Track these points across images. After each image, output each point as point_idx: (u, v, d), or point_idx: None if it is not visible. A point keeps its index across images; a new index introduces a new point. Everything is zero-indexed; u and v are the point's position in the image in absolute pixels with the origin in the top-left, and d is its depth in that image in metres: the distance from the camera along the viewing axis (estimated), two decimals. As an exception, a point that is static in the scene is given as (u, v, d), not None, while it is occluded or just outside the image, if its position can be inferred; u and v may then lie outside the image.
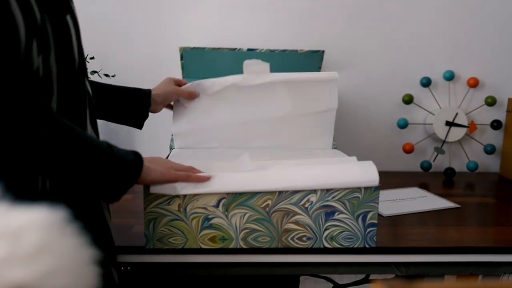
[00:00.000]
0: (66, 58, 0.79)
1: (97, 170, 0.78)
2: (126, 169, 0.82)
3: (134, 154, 0.85)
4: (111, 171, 0.79)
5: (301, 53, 1.51)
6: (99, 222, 0.89)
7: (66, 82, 0.79)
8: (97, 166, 0.77)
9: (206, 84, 1.23)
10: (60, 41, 0.77)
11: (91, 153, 0.77)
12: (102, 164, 0.78)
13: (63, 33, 0.78)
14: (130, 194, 1.34)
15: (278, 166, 1.00)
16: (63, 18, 0.79)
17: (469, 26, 1.62)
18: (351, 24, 1.60)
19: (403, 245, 1.07)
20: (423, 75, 1.63)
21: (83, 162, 0.76)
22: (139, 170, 0.85)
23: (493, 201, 1.39)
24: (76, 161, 0.75)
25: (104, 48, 1.55)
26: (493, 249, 1.08)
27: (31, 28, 0.71)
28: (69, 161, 0.74)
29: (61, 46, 0.78)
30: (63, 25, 0.79)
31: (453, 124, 1.62)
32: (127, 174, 0.82)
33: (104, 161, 0.78)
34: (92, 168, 0.77)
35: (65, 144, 0.73)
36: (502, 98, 1.66)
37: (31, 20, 0.71)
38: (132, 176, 0.84)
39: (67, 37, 0.79)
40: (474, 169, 1.65)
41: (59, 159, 0.73)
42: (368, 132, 1.66)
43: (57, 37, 0.77)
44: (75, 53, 0.81)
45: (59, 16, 0.78)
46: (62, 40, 0.78)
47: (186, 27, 1.57)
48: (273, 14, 1.58)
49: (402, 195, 1.39)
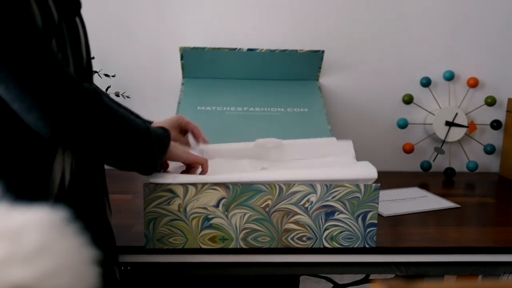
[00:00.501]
0: (76, 56, 0.81)
1: (136, 149, 0.83)
2: (159, 145, 0.88)
3: (163, 129, 0.91)
4: (148, 149, 0.85)
5: (301, 53, 1.51)
6: (101, 221, 0.90)
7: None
8: (136, 145, 0.82)
9: (213, 149, 1.11)
10: (73, 40, 0.80)
11: (131, 133, 0.81)
12: (141, 143, 0.83)
13: (74, 33, 0.81)
14: (130, 194, 1.34)
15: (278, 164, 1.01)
16: (73, 19, 0.82)
17: (469, 26, 1.62)
18: (351, 24, 1.60)
19: (403, 245, 1.07)
20: (423, 75, 1.63)
21: (123, 142, 0.81)
22: (167, 144, 0.91)
23: (493, 201, 1.39)
24: (117, 139, 0.80)
25: (104, 48, 1.55)
26: (493, 249, 1.08)
27: (50, 27, 0.73)
28: (110, 136, 0.79)
29: (73, 45, 0.80)
30: (74, 25, 0.81)
31: (453, 124, 1.62)
32: (160, 149, 0.89)
33: (143, 141, 0.83)
34: (131, 148, 0.82)
35: (107, 119, 0.77)
36: (502, 98, 1.66)
37: (50, 20, 0.73)
38: (164, 149, 0.90)
39: (76, 37, 0.82)
40: (474, 169, 1.65)
41: (102, 131, 0.77)
42: (368, 132, 1.66)
43: (71, 36, 0.79)
44: (83, 52, 0.84)
45: (71, 16, 0.81)
46: (74, 39, 0.81)
47: (186, 27, 1.57)
48: (273, 14, 1.58)
49: (402, 195, 1.39)
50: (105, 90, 1.50)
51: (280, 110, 1.41)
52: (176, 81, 1.55)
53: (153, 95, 1.59)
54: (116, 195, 1.24)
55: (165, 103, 1.56)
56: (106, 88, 1.50)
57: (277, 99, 1.46)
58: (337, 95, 1.63)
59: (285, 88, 1.52)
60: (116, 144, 0.80)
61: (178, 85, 1.52)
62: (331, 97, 1.62)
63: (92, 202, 0.87)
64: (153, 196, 0.95)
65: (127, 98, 1.55)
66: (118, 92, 1.53)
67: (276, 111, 1.40)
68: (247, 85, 1.53)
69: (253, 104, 1.38)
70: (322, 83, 1.60)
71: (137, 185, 0.96)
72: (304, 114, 1.40)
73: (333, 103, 1.62)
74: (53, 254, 0.39)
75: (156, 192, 0.95)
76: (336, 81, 1.62)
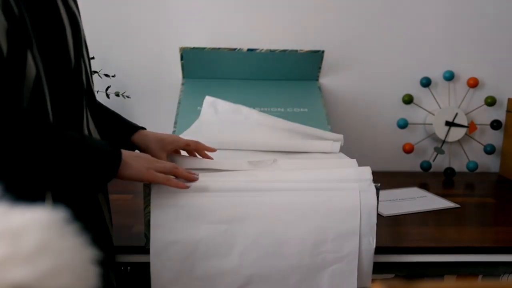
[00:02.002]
0: (56, 56, 0.77)
1: (71, 161, 0.76)
2: (101, 160, 0.80)
3: (111, 146, 0.83)
4: (86, 162, 0.77)
5: (301, 53, 1.51)
6: (98, 224, 0.89)
7: (59, 82, 0.78)
8: (70, 156, 0.76)
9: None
10: (47, 37, 0.75)
11: (63, 145, 0.75)
12: (75, 155, 0.76)
13: (51, 29, 0.76)
14: (130, 194, 1.34)
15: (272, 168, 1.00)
16: (53, 13, 0.77)
17: (469, 26, 1.62)
18: (351, 24, 1.60)
19: (403, 245, 1.07)
20: (423, 75, 1.63)
21: (55, 155, 0.74)
22: (117, 162, 0.82)
23: (492, 201, 1.39)
24: (47, 154, 0.73)
25: (104, 48, 1.55)
26: (492, 249, 1.08)
27: (12, 21, 0.69)
28: (39, 155, 0.73)
29: (49, 43, 0.76)
30: (52, 20, 0.76)
31: (453, 124, 1.62)
32: (103, 165, 0.81)
33: (77, 152, 0.76)
34: (66, 159, 0.75)
35: (32, 140, 0.72)
36: (502, 98, 1.66)
37: (10, 13, 0.69)
38: (110, 167, 0.82)
39: (58, 34, 0.77)
40: (474, 169, 1.65)
41: (29, 156, 0.72)
42: (368, 132, 1.66)
43: (41, 32, 0.75)
44: (71, 52, 0.80)
45: (44, 10, 0.76)
46: (50, 36, 0.76)
47: (186, 27, 1.57)
48: (273, 14, 1.58)
49: (402, 195, 1.39)
50: (105, 90, 1.50)
51: (280, 110, 1.41)
52: (176, 81, 1.55)
53: (153, 95, 1.59)
54: (116, 195, 1.25)
55: (165, 103, 1.57)
56: (106, 88, 1.50)
57: (277, 99, 1.46)
58: (337, 95, 1.63)
59: (285, 88, 1.52)
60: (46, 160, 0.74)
61: (178, 85, 1.52)
62: (331, 97, 1.62)
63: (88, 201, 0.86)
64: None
65: (127, 98, 1.55)
66: (118, 92, 1.52)
67: (276, 111, 1.40)
68: (247, 85, 1.53)
69: (253, 104, 1.38)
70: (322, 83, 1.60)
71: (137, 185, 0.96)
72: (304, 114, 1.40)
73: (333, 103, 1.62)
74: (53, 254, 0.39)
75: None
76: (336, 81, 1.62)
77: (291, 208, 0.94)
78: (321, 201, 0.95)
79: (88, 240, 0.42)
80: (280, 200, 0.94)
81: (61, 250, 0.40)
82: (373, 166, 1.01)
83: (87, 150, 0.78)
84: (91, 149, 0.79)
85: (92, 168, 0.79)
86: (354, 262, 0.95)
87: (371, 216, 0.95)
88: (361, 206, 0.95)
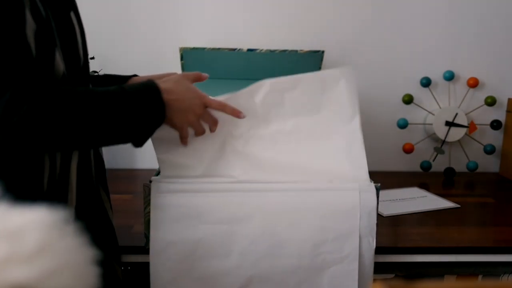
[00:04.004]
0: (72, 55, 0.79)
1: (116, 114, 0.76)
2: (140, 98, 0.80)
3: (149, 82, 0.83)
4: (130, 109, 0.78)
5: (301, 53, 1.50)
6: (103, 220, 0.89)
7: (72, 81, 0.80)
8: (113, 110, 0.76)
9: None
10: (65, 37, 0.78)
11: (101, 103, 0.75)
12: (118, 106, 0.76)
13: (67, 29, 0.79)
14: (130, 194, 1.34)
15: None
16: (67, 14, 0.79)
17: (469, 26, 1.62)
18: (351, 24, 1.60)
19: (403, 245, 1.07)
20: (423, 75, 1.63)
21: (97, 115, 0.75)
22: (157, 90, 0.82)
23: (492, 201, 1.39)
24: (88, 117, 0.74)
25: (104, 48, 1.55)
26: (492, 249, 1.08)
27: (40, 22, 0.72)
28: (79, 120, 0.73)
29: (67, 43, 0.78)
30: (67, 21, 0.79)
31: (453, 124, 1.62)
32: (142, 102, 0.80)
33: (119, 102, 0.77)
34: (110, 115, 0.76)
35: (63, 109, 0.72)
36: (502, 98, 1.66)
37: (38, 16, 0.72)
38: (154, 95, 0.82)
39: (71, 34, 0.80)
40: (474, 169, 1.65)
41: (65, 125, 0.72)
42: (368, 132, 1.65)
43: (63, 34, 0.77)
44: (80, 51, 0.82)
45: (62, 12, 0.78)
46: (67, 37, 0.78)
47: (186, 27, 1.57)
48: (273, 14, 1.58)
49: (402, 195, 1.39)
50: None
51: None
52: (176, 81, 1.55)
53: (153, 95, 1.59)
54: (116, 195, 1.24)
55: (165, 103, 1.56)
56: (106, 88, 1.50)
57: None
58: (337, 95, 1.63)
59: (285, 88, 1.52)
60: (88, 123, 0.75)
61: (178, 85, 1.52)
62: (331, 97, 1.62)
63: (91, 198, 0.86)
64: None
65: (127, 98, 1.54)
66: (118, 92, 1.52)
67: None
68: (247, 85, 1.53)
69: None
70: (322, 83, 1.60)
71: (137, 185, 0.96)
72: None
73: (333, 103, 1.62)
74: (54, 254, 0.39)
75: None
76: (336, 81, 1.62)
77: (291, 208, 0.94)
78: (321, 201, 0.95)
79: (90, 239, 0.42)
80: (280, 201, 0.94)
81: (61, 250, 0.40)
82: (373, 166, 1.01)
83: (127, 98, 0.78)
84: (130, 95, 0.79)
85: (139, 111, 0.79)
86: (355, 263, 0.95)
87: (371, 216, 0.95)
88: (361, 206, 0.94)
